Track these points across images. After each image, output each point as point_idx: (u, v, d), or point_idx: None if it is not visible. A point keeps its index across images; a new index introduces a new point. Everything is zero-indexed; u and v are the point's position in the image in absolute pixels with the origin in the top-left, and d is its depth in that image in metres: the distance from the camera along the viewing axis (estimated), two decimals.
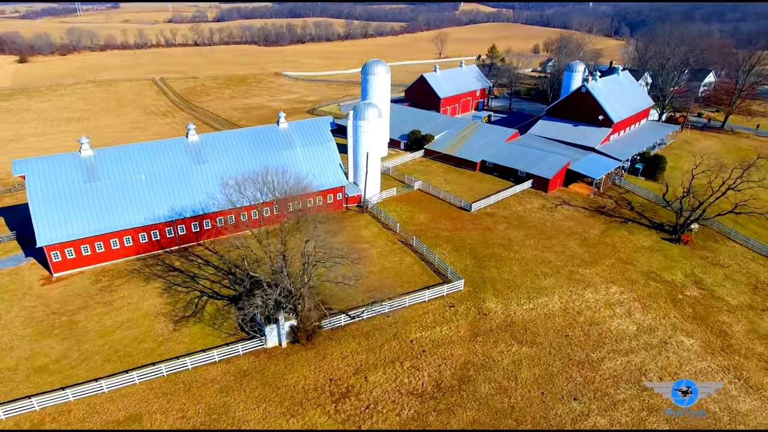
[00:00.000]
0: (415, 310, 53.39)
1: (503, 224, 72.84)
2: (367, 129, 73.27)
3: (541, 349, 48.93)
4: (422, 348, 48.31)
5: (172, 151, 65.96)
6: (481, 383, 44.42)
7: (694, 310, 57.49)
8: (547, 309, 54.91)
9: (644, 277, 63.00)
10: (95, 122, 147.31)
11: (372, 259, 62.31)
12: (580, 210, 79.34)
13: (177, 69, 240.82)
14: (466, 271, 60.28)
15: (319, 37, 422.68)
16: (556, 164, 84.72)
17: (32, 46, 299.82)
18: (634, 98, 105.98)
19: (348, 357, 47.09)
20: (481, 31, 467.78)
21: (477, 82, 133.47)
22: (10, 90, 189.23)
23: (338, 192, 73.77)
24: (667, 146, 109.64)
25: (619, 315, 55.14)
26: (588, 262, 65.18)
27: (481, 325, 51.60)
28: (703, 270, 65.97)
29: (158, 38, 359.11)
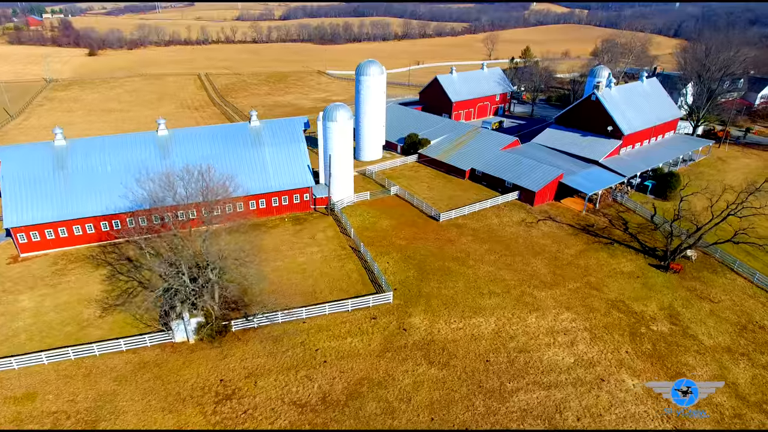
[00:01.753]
0: (335, 319, 52.70)
1: (469, 237, 70.04)
2: (336, 130, 73.18)
3: (451, 373, 46.63)
4: (324, 358, 47.63)
5: (141, 144, 69.48)
6: (369, 401, 43.08)
7: (654, 347, 52.45)
8: (477, 330, 52.22)
9: (608, 305, 58.29)
10: (131, 114, 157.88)
11: (314, 263, 62.24)
12: (563, 227, 74.64)
13: (225, 65, 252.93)
14: (405, 283, 58.63)
15: (376, 36, 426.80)
16: (545, 176, 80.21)
17: (104, 40, 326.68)
18: (657, 108, 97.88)
19: (247, 359, 47.41)
20: (546, 33, 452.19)
21: (497, 86, 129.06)
22: (69, 81, 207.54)
23: (305, 192, 74.30)
24: (695, 163, 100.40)
25: (558, 344, 51.37)
26: (548, 283, 61.22)
27: (396, 341, 49.99)
28: (684, 303, 59.98)
29: (219, 35, 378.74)
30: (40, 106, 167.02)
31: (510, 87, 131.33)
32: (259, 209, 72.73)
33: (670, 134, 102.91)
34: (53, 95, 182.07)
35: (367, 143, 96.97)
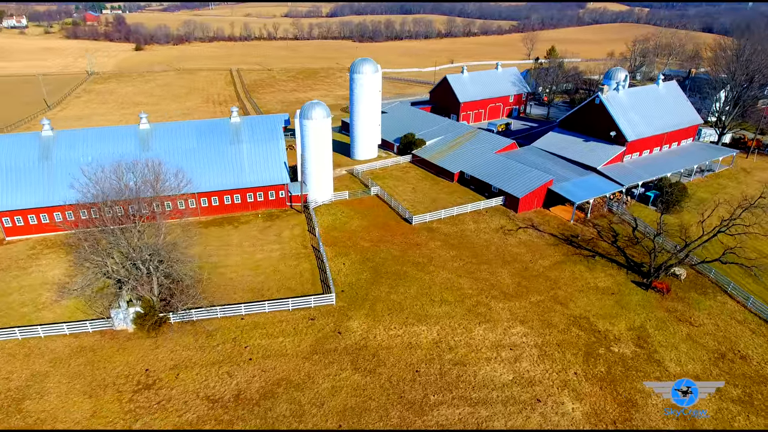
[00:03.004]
0: (274, 317, 53.03)
1: (438, 241, 68.56)
2: (312, 128, 73.53)
3: (375, 380, 45.86)
4: (251, 356, 48.05)
5: (123, 137, 72.62)
6: (282, 403, 43.10)
7: (608, 370, 49.54)
8: (416, 339, 51.07)
9: (569, 321, 55.53)
10: (159, 107, 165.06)
11: (270, 261, 62.87)
12: (545, 236, 71.67)
13: (259, 61, 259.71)
14: (354, 286, 58.16)
15: (418, 34, 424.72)
16: (532, 182, 77.28)
17: (152, 36, 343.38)
18: (672, 114, 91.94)
19: (177, 351, 48.57)
20: (599, 32, 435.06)
21: (512, 87, 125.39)
22: (109, 74, 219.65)
23: (280, 189, 75.14)
24: (714, 174, 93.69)
25: (500, 359, 49.45)
26: (509, 295, 59.02)
27: (328, 344, 49.70)
28: (659, 325, 56.28)
29: (261, 32, 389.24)
30: (77, 98, 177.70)
31: (526, 88, 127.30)
32: (234, 204, 74.24)
33: (688, 142, 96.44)
34: (91, 87, 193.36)
35: (361, 142, 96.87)
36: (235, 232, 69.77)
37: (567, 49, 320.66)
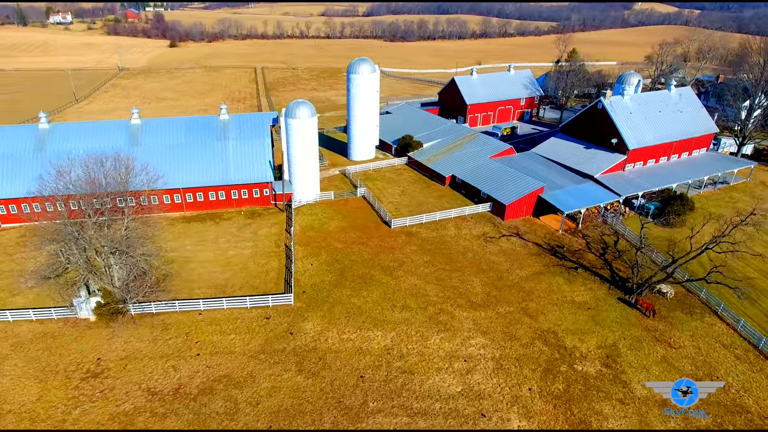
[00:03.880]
0: (231, 314, 53.79)
1: (414, 246, 67.85)
2: (296, 128, 74.15)
3: (316, 383, 45.85)
4: (199, 351, 48.90)
5: (115, 131, 75.34)
6: (218, 400, 43.68)
7: (566, 388, 47.93)
8: (368, 344, 50.75)
9: (535, 335, 53.95)
10: (179, 102, 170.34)
11: (241, 258, 63.75)
12: (528, 245, 69.83)
13: (285, 59, 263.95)
14: (317, 287, 58.28)
15: (451, 34, 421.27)
16: (522, 189, 75.38)
17: (187, 33, 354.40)
18: (683, 122, 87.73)
19: (131, 342, 49.97)
20: (643, 35, 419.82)
21: (524, 90, 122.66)
22: (138, 70, 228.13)
23: (264, 187, 76.13)
24: (727, 187, 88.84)
25: (452, 370, 48.53)
26: (476, 304, 57.84)
27: (277, 344, 50.03)
28: (633, 344, 53.98)
29: (293, 30, 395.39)
30: (105, 92, 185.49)
31: (539, 91, 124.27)
32: (219, 200, 75.74)
33: (701, 152, 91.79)
34: (119, 83, 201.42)
35: (357, 142, 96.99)
36: (215, 229, 71.16)
37: (602, 52, 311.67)
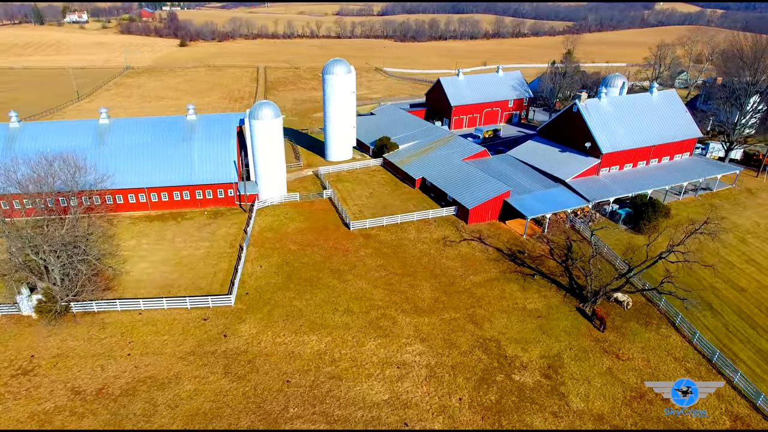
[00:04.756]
0: (170, 314, 53.98)
1: (370, 249, 67.26)
2: (260, 128, 74.20)
3: (239, 387, 45.69)
4: (130, 351, 49.14)
5: (83, 131, 76.34)
6: (138, 401, 43.83)
7: (499, 399, 47.04)
8: (301, 348, 50.41)
9: (476, 343, 53.01)
10: (179, 101, 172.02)
11: (192, 259, 63.96)
12: (489, 250, 68.66)
13: (289, 59, 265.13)
14: (260, 289, 58.15)
15: (463, 34, 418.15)
16: (487, 193, 74.17)
17: (198, 32, 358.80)
18: (663, 125, 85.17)
19: (66, 341, 50.51)
20: (662, 35, 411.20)
21: (512, 92, 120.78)
22: (143, 69, 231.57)
23: (229, 188, 76.36)
24: (710, 194, 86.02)
25: (382, 377, 47.88)
26: (421, 310, 57.02)
27: (208, 346, 50.02)
28: (579, 356, 52.63)
29: (304, 30, 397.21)
30: (107, 91, 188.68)
31: (528, 93, 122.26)
32: (183, 200, 76.22)
33: (684, 157, 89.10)
34: (122, 81, 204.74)
35: (334, 143, 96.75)
36: (175, 228, 71.59)
37: (614, 53, 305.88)
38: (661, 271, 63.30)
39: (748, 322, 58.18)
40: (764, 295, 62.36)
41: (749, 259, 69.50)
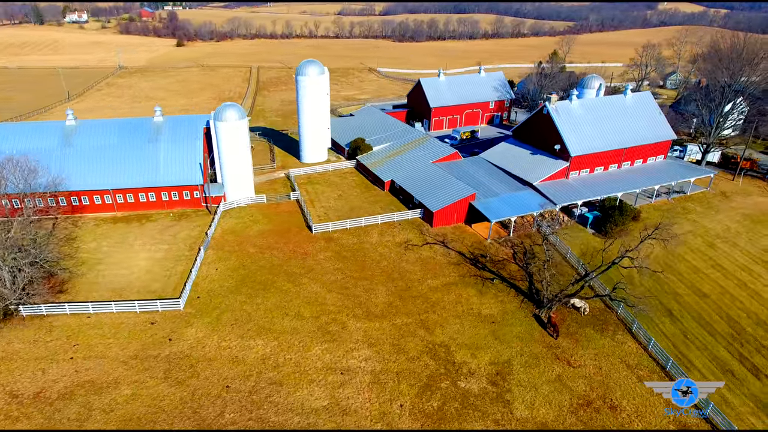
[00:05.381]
0: (118, 318, 53.84)
1: (330, 252, 66.89)
2: (224, 130, 73.98)
3: (178, 392, 45.45)
4: (73, 355, 49.02)
5: (50, 132, 76.36)
6: (74, 405, 43.72)
7: (441, 406, 46.67)
8: (245, 353, 50.14)
9: (425, 349, 52.63)
10: (167, 101, 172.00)
11: (150, 262, 63.81)
12: (451, 254, 68.13)
13: (283, 59, 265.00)
14: (212, 293, 57.95)
15: (462, 34, 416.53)
16: (452, 196, 73.63)
17: (197, 32, 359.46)
18: (636, 128, 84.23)
19: (12, 343, 50.48)
20: (659, 35, 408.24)
21: (494, 93, 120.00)
22: (136, 69, 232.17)
23: (195, 190, 76.19)
24: (683, 197, 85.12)
25: (324, 383, 47.51)
26: (374, 315, 56.62)
27: (152, 350, 49.82)
28: (529, 362, 52.09)
29: (302, 30, 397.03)
30: (98, 91, 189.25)
31: (509, 94, 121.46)
32: (150, 202, 76.12)
33: (658, 159, 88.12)
34: (114, 81, 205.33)
35: (308, 144, 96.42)
36: (137, 230, 71.48)
37: (613, 53, 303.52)
38: (628, 277, 62.80)
39: (707, 329, 57.42)
40: (726, 301, 61.54)
41: (715, 264, 68.65)
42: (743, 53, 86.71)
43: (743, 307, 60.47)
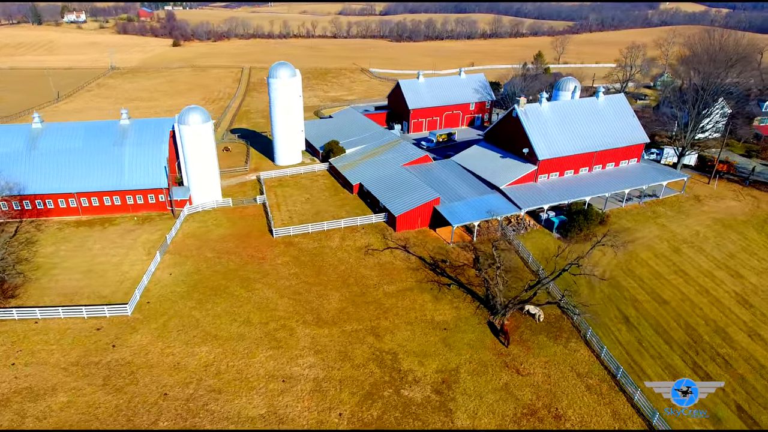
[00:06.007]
0: (65, 324, 53.63)
1: (288, 257, 66.55)
2: (188, 134, 73.76)
3: (115, 399, 45.20)
4: (14, 361, 48.85)
5: (15, 135, 76.40)
6: (8, 413, 43.51)
7: (381, 415, 46.16)
8: (188, 360, 49.84)
9: (372, 356, 52.04)
10: (155, 102, 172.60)
11: (105, 266, 63.61)
12: (411, 259, 67.62)
13: (278, 60, 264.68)
14: (163, 298, 57.70)
15: (459, 34, 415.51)
16: (416, 200, 73.12)
17: (194, 32, 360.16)
18: (609, 131, 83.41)
19: None
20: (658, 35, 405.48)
21: (474, 94, 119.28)
22: (127, 69, 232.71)
23: (159, 193, 76.01)
24: (655, 201, 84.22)
25: (264, 391, 47.13)
26: (324, 321, 56.18)
27: (94, 356, 49.63)
28: (477, 370, 51.43)
29: (300, 29, 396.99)
30: (88, 92, 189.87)
31: (490, 96, 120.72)
32: (114, 205, 76.01)
33: (631, 163, 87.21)
34: (105, 82, 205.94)
35: (281, 147, 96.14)
36: (99, 234, 71.35)
37: (611, 53, 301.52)
38: (589, 283, 62.29)
39: (664, 337, 56.62)
40: (686, 308, 60.77)
41: (678, 269, 67.85)
42: (716, 56, 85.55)
43: (702, 315, 59.68)
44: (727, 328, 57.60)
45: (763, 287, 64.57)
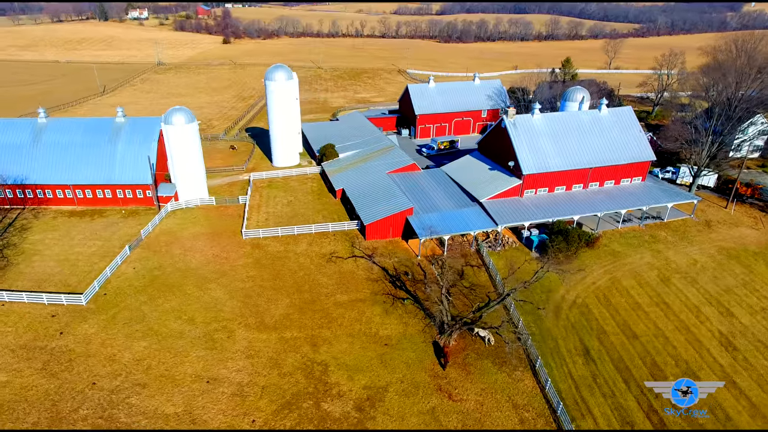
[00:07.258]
0: (26, 308, 57.73)
1: (251, 259, 68.24)
2: (173, 133, 77.24)
3: (48, 383, 48.46)
4: None
5: (22, 129, 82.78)
6: None
7: (295, 426, 46.77)
8: (124, 352, 52.50)
9: (302, 366, 52.79)
10: (191, 98, 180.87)
11: (80, 256, 67.81)
12: (373, 269, 67.54)
13: (316, 58, 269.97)
14: (119, 291, 60.86)
15: (512, 36, 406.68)
16: (388, 209, 72.82)
17: (245, 30, 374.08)
18: (608, 147, 79.26)
19: None
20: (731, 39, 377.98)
21: (487, 101, 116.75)
22: (172, 65, 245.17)
23: (147, 189, 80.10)
24: (659, 223, 79.22)
25: (186, 391, 48.92)
26: (265, 326, 57.40)
27: (41, 342, 53.19)
28: (408, 391, 50.96)
29: (348, 29, 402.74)
30: (132, 87, 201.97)
31: (504, 102, 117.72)
32: (106, 198, 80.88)
33: (635, 181, 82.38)
34: (150, 77, 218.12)
35: (278, 149, 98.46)
36: (84, 225, 76.14)
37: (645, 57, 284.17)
38: (555, 309, 60.11)
39: (624, 375, 53.24)
40: (657, 345, 56.97)
41: (661, 301, 63.67)
42: (737, 67, 79.19)
43: (674, 354, 55.65)
44: (699, 371, 53.24)
45: (753, 329, 59.41)
